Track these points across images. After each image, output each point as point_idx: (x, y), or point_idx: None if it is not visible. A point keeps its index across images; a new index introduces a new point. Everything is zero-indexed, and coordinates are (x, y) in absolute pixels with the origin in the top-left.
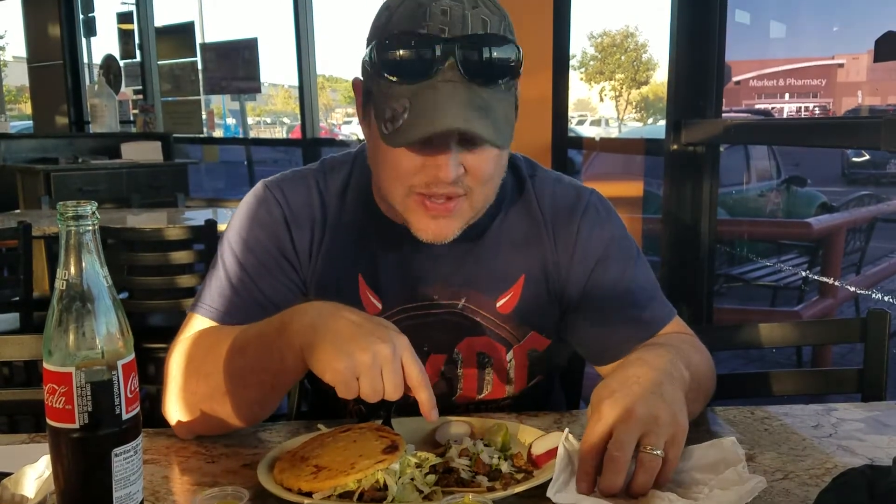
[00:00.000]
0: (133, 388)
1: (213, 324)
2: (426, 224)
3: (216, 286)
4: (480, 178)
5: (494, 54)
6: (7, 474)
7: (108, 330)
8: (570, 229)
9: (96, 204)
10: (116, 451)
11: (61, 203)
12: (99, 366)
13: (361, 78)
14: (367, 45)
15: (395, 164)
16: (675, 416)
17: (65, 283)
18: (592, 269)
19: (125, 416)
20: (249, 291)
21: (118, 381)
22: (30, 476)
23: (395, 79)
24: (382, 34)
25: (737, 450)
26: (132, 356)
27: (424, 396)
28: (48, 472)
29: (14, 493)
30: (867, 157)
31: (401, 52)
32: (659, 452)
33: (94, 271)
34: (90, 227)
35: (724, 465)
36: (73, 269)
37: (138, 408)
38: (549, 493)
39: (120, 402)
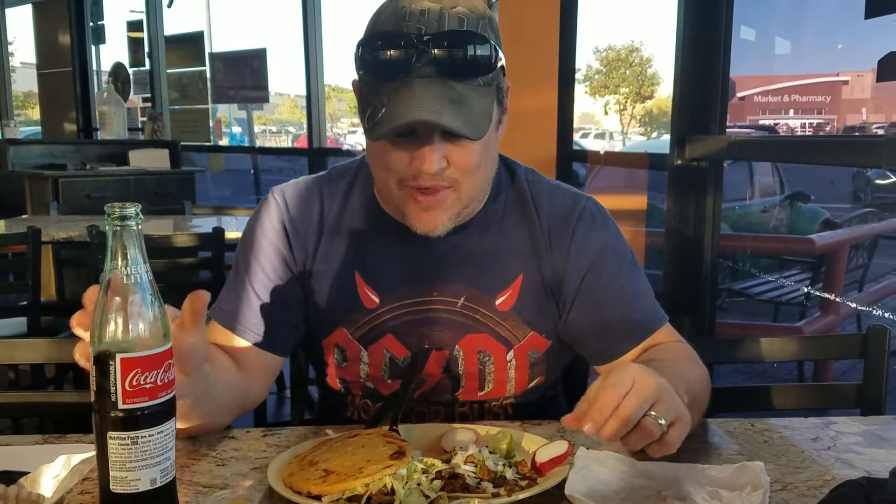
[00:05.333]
0: (134, 383)
1: (217, 325)
2: (419, 215)
3: (225, 292)
4: (464, 169)
5: (468, 51)
6: (24, 473)
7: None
8: (565, 234)
9: (140, 206)
10: (111, 434)
11: (108, 204)
12: (101, 353)
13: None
14: (357, 49)
15: (384, 158)
16: (685, 409)
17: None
18: (586, 272)
19: (121, 406)
20: (256, 297)
21: (115, 371)
22: (47, 476)
23: (375, 77)
24: (365, 37)
25: (763, 476)
26: (143, 353)
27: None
28: (64, 472)
29: (31, 492)
30: (894, 178)
31: (380, 53)
32: (663, 422)
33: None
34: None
35: (751, 488)
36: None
37: (145, 402)
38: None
39: (116, 390)
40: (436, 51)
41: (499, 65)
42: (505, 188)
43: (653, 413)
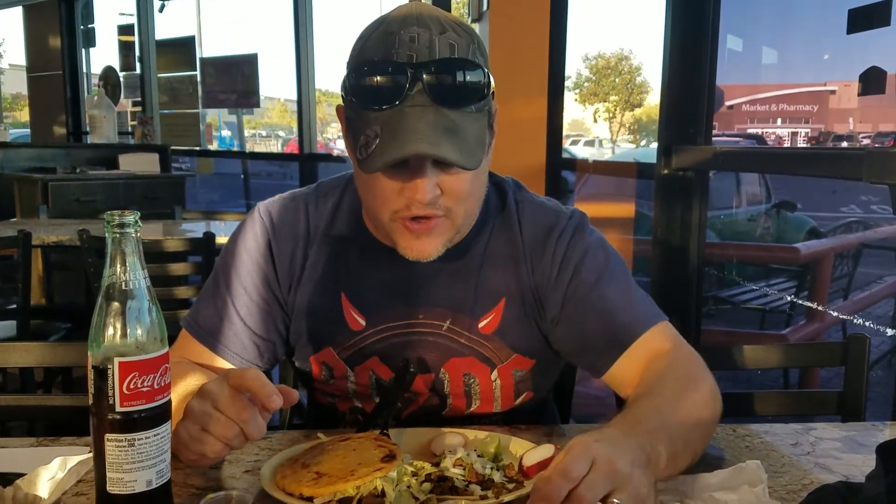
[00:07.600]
0: (132, 386)
1: (196, 343)
2: (411, 243)
3: (203, 305)
4: (457, 197)
5: (461, 78)
6: (20, 475)
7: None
8: (544, 255)
9: (138, 213)
10: (108, 437)
11: (108, 212)
12: (99, 358)
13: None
14: (345, 74)
15: (376, 189)
16: (649, 493)
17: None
18: (566, 290)
19: (118, 409)
20: (230, 316)
21: (113, 374)
22: (43, 477)
23: (366, 106)
24: (354, 63)
25: (760, 473)
26: (140, 357)
27: (256, 387)
28: (61, 473)
29: (27, 493)
30: None
31: (370, 80)
32: None
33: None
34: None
35: (747, 487)
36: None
37: (142, 405)
38: None
39: (113, 394)
40: (428, 78)
41: (490, 91)
42: (494, 210)
43: (615, 501)
